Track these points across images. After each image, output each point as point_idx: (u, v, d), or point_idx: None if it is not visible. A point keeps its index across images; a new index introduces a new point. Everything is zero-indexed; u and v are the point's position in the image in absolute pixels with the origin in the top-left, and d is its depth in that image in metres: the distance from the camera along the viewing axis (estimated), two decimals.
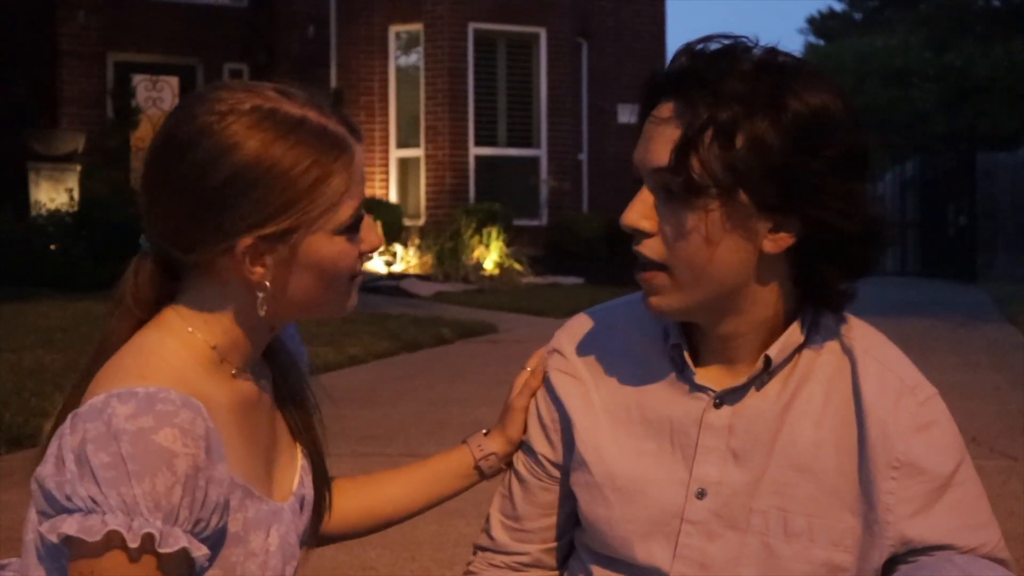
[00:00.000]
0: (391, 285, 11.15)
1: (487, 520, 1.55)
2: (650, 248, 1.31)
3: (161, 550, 1.09)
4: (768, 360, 1.33)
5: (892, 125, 27.34)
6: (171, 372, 1.18)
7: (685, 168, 1.26)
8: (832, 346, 1.36)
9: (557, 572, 1.53)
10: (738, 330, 1.34)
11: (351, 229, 1.24)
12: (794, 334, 1.34)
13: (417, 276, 11.88)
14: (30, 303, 7.93)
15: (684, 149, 1.26)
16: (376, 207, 12.85)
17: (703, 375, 1.37)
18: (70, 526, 1.09)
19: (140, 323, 1.25)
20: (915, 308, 10.67)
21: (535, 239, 13.24)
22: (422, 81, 13.61)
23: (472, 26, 13.57)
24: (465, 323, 8.41)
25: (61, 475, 1.10)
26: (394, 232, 12.70)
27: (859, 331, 1.39)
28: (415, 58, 13.89)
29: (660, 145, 1.28)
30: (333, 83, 13.50)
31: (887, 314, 9.86)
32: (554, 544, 1.51)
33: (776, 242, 1.28)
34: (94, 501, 1.08)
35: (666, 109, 1.28)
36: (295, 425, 1.37)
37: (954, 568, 1.22)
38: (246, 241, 1.19)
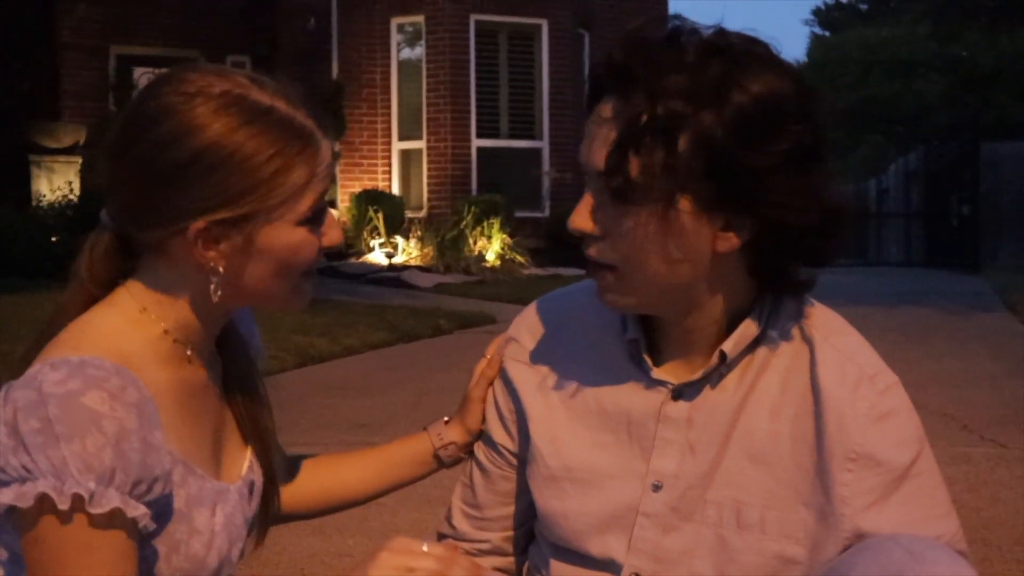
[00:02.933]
0: (392, 277, 11.15)
1: (449, 508, 1.55)
2: (598, 251, 1.29)
3: (92, 510, 1.09)
4: (723, 355, 1.31)
5: (897, 116, 27.23)
6: (109, 344, 1.18)
7: (621, 172, 1.21)
8: (791, 335, 1.34)
9: (514, 559, 1.53)
10: (696, 324, 1.32)
11: (312, 221, 1.24)
12: (749, 327, 1.31)
13: (418, 268, 11.87)
14: (28, 295, 7.93)
15: (620, 152, 1.21)
16: (378, 199, 12.85)
17: (661, 367, 1.36)
18: (5, 496, 1.09)
19: (93, 299, 1.25)
20: (916, 297, 10.63)
21: (537, 231, 13.22)
22: (424, 73, 13.59)
23: (473, 18, 13.54)
24: (464, 314, 8.40)
25: None
26: (396, 224, 12.70)
27: (820, 318, 1.36)
28: (416, 50, 13.87)
29: (600, 147, 1.23)
30: (334, 75, 13.49)
31: (887, 304, 9.84)
32: (514, 532, 1.51)
33: (728, 241, 1.24)
34: (26, 469, 1.08)
35: (607, 108, 1.24)
36: (241, 412, 1.36)
37: (897, 547, 1.19)
38: (198, 224, 1.19)
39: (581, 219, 1.29)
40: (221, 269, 1.21)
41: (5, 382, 1.15)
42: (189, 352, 1.26)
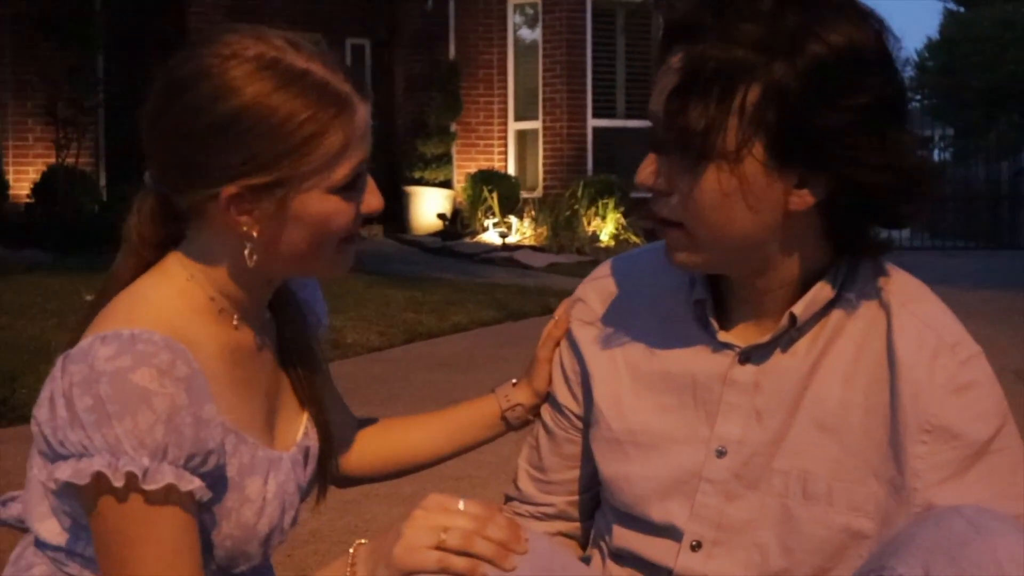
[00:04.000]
0: (505, 256, 11.20)
1: (516, 470, 1.54)
2: (665, 207, 1.25)
3: (146, 487, 1.10)
4: (793, 318, 1.26)
5: None
6: (159, 316, 1.18)
7: (680, 120, 1.17)
8: (867, 300, 1.28)
9: (580, 524, 1.51)
10: (767, 286, 1.28)
11: (348, 189, 1.21)
12: (823, 290, 1.26)
13: (531, 247, 11.89)
14: None
15: (680, 99, 1.17)
16: (493, 179, 12.91)
17: (730, 329, 1.32)
18: (63, 472, 1.11)
19: (146, 264, 1.26)
20: None
21: None
22: (540, 53, 13.59)
23: None
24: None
25: (54, 420, 1.11)
26: (511, 204, 12.74)
27: (898, 284, 1.30)
28: (533, 30, 13.87)
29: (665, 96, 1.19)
30: (451, 56, 13.58)
31: (1015, 288, 9.46)
32: (579, 497, 1.49)
33: (801, 198, 1.20)
34: (83, 446, 1.10)
35: (676, 58, 1.19)
36: (297, 379, 1.35)
37: (959, 518, 1.13)
38: (230, 189, 1.17)
39: (648, 174, 1.24)
40: (255, 234, 1.20)
41: (64, 348, 1.17)
42: (235, 320, 1.26)
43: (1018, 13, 28.47)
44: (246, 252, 1.20)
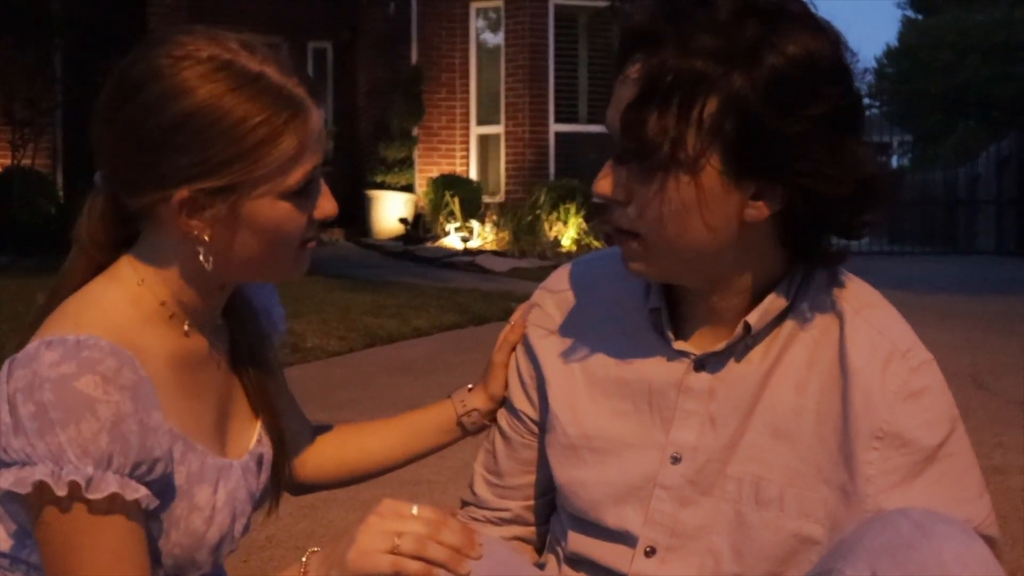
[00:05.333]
0: (466, 261, 11.18)
1: (472, 475, 1.53)
2: (622, 217, 1.24)
3: (90, 496, 1.08)
4: (748, 326, 1.27)
5: (993, 102, 26.49)
6: (107, 321, 1.16)
7: (637, 131, 1.17)
8: (821, 308, 1.29)
9: (536, 529, 1.51)
10: (722, 295, 1.28)
11: (300, 194, 1.20)
12: (777, 300, 1.27)
13: (493, 252, 11.89)
14: None
15: (638, 111, 1.17)
16: (455, 183, 12.90)
17: (685, 337, 1.32)
18: (5, 480, 1.09)
19: (97, 265, 1.24)
20: (1003, 286, 10.39)
21: None
22: (503, 58, 13.59)
23: (553, 2, 13.49)
24: None
25: None
26: (472, 208, 12.73)
27: (852, 291, 1.31)
28: (496, 35, 13.88)
29: (623, 107, 1.19)
30: (414, 60, 13.56)
31: (973, 292, 9.59)
32: (535, 502, 1.49)
33: (757, 210, 1.20)
34: (26, 454, 1.08)
35: (634, 68, 1.19)
36: (250, 386, 1.34)
37: (906, 520, 1.14)
38: (182, 193, 1.15)
39: (606, 184, 1.24)
40: (207, 239, 1.18)
41: (14, 351, 1.14)
42: (186, 327, 1.24)
43: (976, 21, 28.87)
44: (200, 256, 1.19)
